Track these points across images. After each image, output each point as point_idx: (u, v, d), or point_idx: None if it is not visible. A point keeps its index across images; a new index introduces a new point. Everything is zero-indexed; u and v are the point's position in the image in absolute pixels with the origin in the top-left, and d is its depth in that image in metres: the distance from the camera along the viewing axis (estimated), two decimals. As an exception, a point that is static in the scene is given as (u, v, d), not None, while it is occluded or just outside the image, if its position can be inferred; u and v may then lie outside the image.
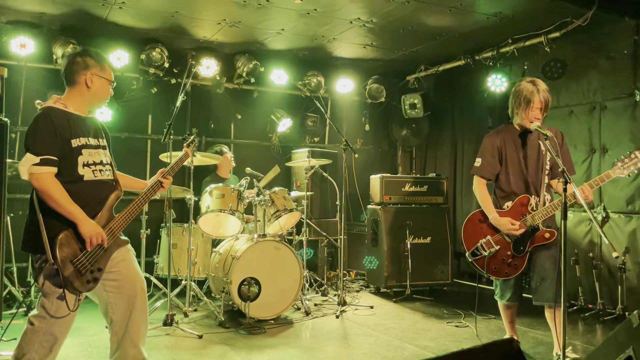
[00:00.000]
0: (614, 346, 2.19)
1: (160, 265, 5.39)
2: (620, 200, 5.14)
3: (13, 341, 3.78)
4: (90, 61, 2.87)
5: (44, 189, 2.62)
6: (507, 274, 3.62)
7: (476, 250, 3.67)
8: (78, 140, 2.78)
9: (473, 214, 3.76)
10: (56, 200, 2.63)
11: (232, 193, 4.97)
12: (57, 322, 2.70)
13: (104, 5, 4.96)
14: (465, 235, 3.74)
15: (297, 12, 5.11)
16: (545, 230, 3.57)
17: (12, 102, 5.70)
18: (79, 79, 2.85)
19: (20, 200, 5.64)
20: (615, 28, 5.19)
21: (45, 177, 2.63)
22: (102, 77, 2.90)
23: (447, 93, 7.30)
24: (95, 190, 2.82)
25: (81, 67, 2.85)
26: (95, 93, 2.90)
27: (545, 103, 3.61)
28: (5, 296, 4.96)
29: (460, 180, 7.14)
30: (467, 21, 5.31)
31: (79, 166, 2.77)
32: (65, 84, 2.88)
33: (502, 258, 3.62)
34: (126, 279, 2.90)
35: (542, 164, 3.67)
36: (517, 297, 3.73)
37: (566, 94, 5.66)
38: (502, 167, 3.72)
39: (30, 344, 2.68)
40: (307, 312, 5.05)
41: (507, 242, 3.61)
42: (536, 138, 3.70)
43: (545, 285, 3.56)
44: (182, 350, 3.97)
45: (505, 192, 3.70)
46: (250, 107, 7.09)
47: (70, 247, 2.63)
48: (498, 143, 3.74)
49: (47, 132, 2.67)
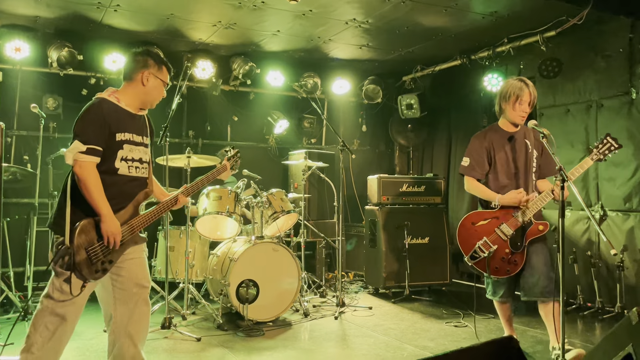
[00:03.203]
0: (613, 344, 2.19)
1: (157, 269, 5.37)
2: (617, 198, 5.14)
3: (10, 346, 3.77)
4: (150, 61, 2.97)
5: (84, 178, 2.69)
6: (509, 272, 3.61)
7: (475, 253, 3.64)
8: (123, 135, 2.85)
9: (464, 218, 3.75)
10: (91, 191, 2.70)
11: (229, 195, 4.96)
12: (61, 303, 2.74)
13: (98, 8, 4.95)
14: (461, 241, 3.71)
15: (293, 13, 5.11)
16: (539, 223, 3.62)
17: (7, 106, 5.68)
18: (136, 76, 2.94)
19: (17, 204, 5.62)
20: (611, 26, 5.20)
21: (89, 166, 2.71)
22: (157, 77, 2.99)
23: (443, 93, 7.30)
24: (126, 185, 2.89)
25: (140, 65, 2.95)
26: (148, 92, 2.98)
27: (533, 98, 3.70)
28: (2, 301, 4.93)
29: (453, 179, 7.14)
30: (463, 21, 5.31)
31: (117, 159, 2.84)
32: (123, 79, 2.98)
33: (501, 257, 3.62)
34: (133, 278, 2.93)
35: (529, 163, 3.76)
36: (509, 292, 3.77)
37: (562, 92, 5.67)
38: (490, 167, 3.79)
39: (37, 326, 2.72)
40: (305, 314, 5.03)
41: (504, 240, 3.62)
42: (522, 137, 3.78)
43: (532, 280, 3.58)
44: (181, 353, 3.95)
45: (494, 191, 3.73)
46: (246, 108, 7.08)
47: (88, 236, 2.70)
48: (486, 144, 3.80)
49: (97, 122, 2.76)
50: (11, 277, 5.10)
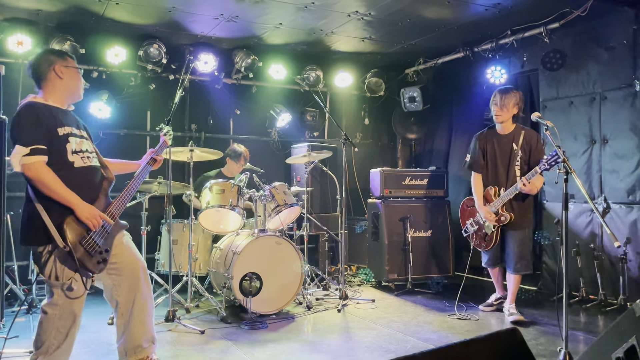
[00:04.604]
0: (617, 336, 2.19)
1: (161, 262, 5.38)
2: (620, 190, 5.13)
3: (15, 339, 3.79)
4: (52, 57, 3.00)
5: (38, 178, 2.69)
6: (484, 247, 4.75)
7: (466, 228, 4.90)
8: (64, 129, 2.86)
9: (464, 200, 5.01)
10: (50, 187, 2.69)
11: (232, 188, 4.96)
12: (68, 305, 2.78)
13: (100, 1, 4.94)
14: (461, 218, 4.99)
15: (295, 6, 5.09)
16: (501, 214, 4.53)
17: (10, 99, 5.65)
18: (50, 75, 2.96)
19: (20, 198, 5.59)
20: (614, 18, 5.16)
21: (37, 165, 2.70)
22: (68, 66, 3.01)
23: (446, 86, 7.27)
24: (87, 176, 2.91)
25: (47, 63, 2.97)
26: (67, 82, 3.00)
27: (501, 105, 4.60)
28: (7, 294, 4.95)
29: (452, 172, 7.09)
30: (466, 13, 5.28)
31: (68, 153, 2.84)
32: (38, 84, 2.99)
33: (479, 235, 4.77)
34: (126, 261, 3.02)
35: (511, 161, 4.59)
36: (492, 261, 4.77)
37: (566, 84, 5.64)
38: (484, 163, 4.73)
39: (48, 332, 2.75)
40: (308, 307, 5.05)
41: (482, 223, 4.73)
42: (510, 140, 4.62)
43: (507, 258, 4.65)
44: (185, 346, 3.97)
45: (485, 184, 4.72)
46: (249, 102, 7.07)
47: (76, 231, 2.72)
48: (482, 143, 4.76)
49: (32, 122, 2.75)
50: (15, 271, 5.13)
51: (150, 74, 6.15)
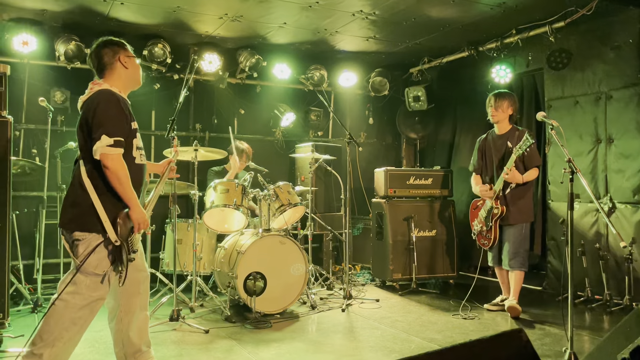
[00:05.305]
0: (623, 336, 2.18)
1: (165, 261, 5.40)
2: (626, 190, 5.10)
3: (21, 337, 3.80)
4: (115, 47, 3.00)
5: (115, 170, 2.68)
6: (486, 245, 4.88)
7: (474, 230, 5.03)
8: (134, 123, 2.87)
9: (471, 204, 5.14)
10: (123, 182, 2.70)
11: (236, 188, 4.96)
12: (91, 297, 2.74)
13: (105, 1, 4.95)
14: (470, 220, 5.12)
15: (299, 5, 5.08)
16: (495, 207, 4.72)
17: (15, 99, 5.69)
18: (115, 64, 2.95)
19: (25, 197, 5.65)
20: (620, 17, 5.14)
21: (118, 158, 2.70)
22: (131, 56, 3.01)
23: (451, 85, 7.26)
24: (142, 174, 2.94)
25: (112, 52, 2.96)
26: (131, 72, 3.01)
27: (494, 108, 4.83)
28: (12, 293, 4.97)
29: (455, 171, 7.07)
30: (471, 12, 5.27)
31: (134, 149, 2.85)
32: (99, 73, 2.96)
33: (483, 234, 4.91)
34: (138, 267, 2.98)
35: (506, 159, 4.71)
36: (495, 261, 4.93)
37: (571, 84, 5.62)
38: (483, 163, 5.03)
39: (60, 322, 2.68)
40: (313, 306, 5.05)
41: (482, 221, 4.88)
42: (506, 139, 4.81)
43: (503, 254, 4.79)
44: (189, 345, 3.98)
45: (483, 182, 4.98)
46: (253, 101, 7.07)
47: (126, 228, 2.74)
48: (480, 145, 5.05)
49: (117, 112, 2.75)
50: (21, 270, 5.15)
51: (154, 73, 6.16)
